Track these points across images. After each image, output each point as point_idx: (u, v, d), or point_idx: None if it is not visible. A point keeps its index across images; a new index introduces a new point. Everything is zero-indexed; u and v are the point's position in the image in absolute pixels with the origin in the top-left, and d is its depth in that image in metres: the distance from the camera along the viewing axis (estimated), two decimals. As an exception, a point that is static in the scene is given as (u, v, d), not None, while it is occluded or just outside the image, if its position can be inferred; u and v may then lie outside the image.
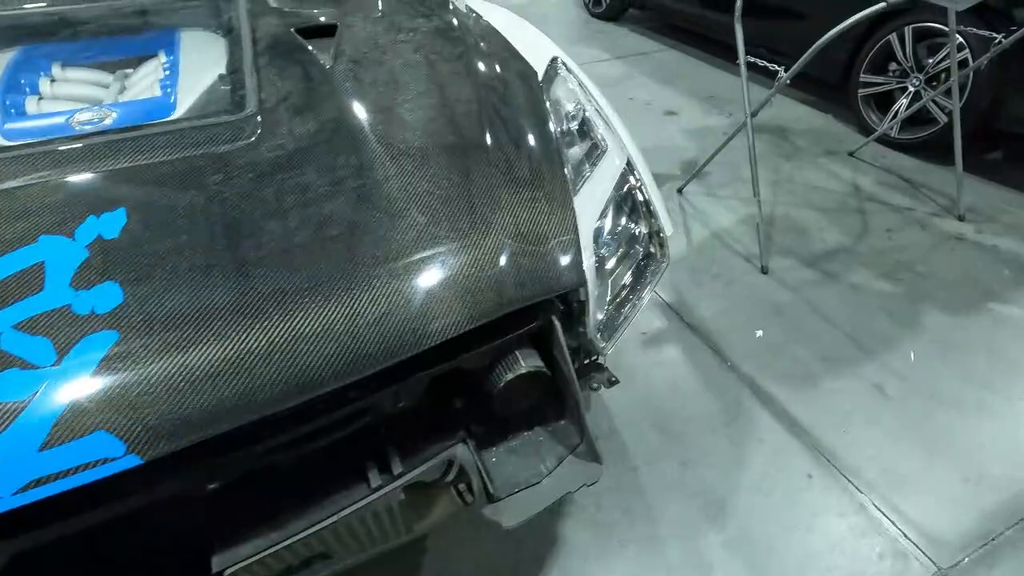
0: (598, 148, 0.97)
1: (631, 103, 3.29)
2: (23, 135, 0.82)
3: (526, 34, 1.24)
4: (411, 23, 1.08)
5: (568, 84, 1.07)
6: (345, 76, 0.90)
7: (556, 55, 1.16)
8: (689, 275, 2.02)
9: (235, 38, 0.96)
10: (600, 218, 0.87)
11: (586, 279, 0.78)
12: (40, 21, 1.03)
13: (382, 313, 0.63)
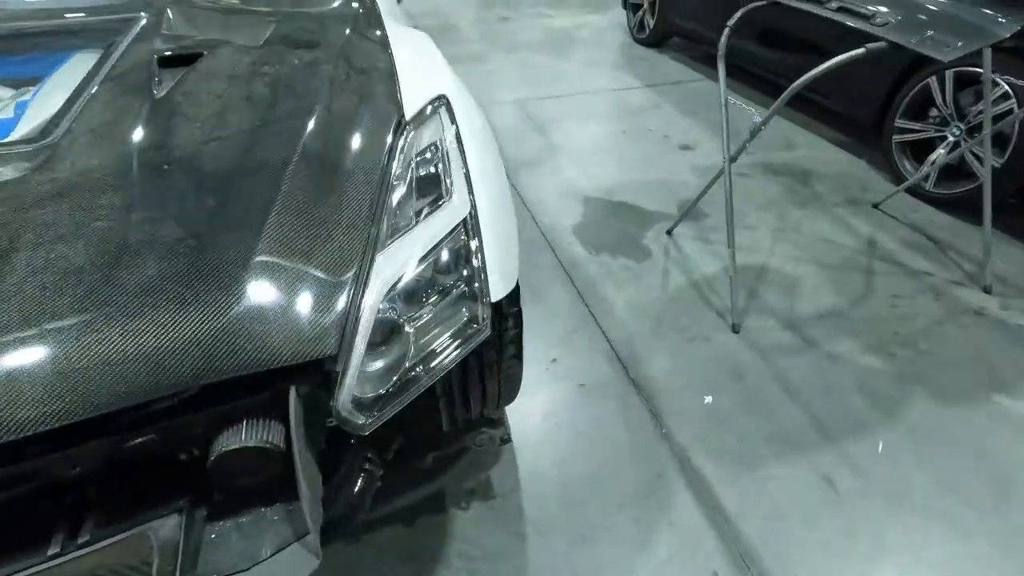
0: (440, 199, 0.89)
1: (648, 133, 3.15)
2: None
3: (427, 67, 1.18)
4: (288, 55, 1.06)
5: (439, 126, 1.01)
6: (166, 110, 0.88)
7: (443, 93, 1.10)
8: (652, 325, 1.87)
9: (101, 62, 0.97)
10: (403, 277, 0.80)
11: (336, 349, 0.70)
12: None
13: (71, 368, 0.58)
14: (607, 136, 3.15)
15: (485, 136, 1.09)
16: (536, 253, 2.22)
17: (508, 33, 4.97)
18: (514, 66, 4.18)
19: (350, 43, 1.16)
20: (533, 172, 2.78)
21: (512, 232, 0.98)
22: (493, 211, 0.95)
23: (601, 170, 2.79)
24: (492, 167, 1.03)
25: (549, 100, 3.60)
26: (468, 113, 1.11)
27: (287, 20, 1.23)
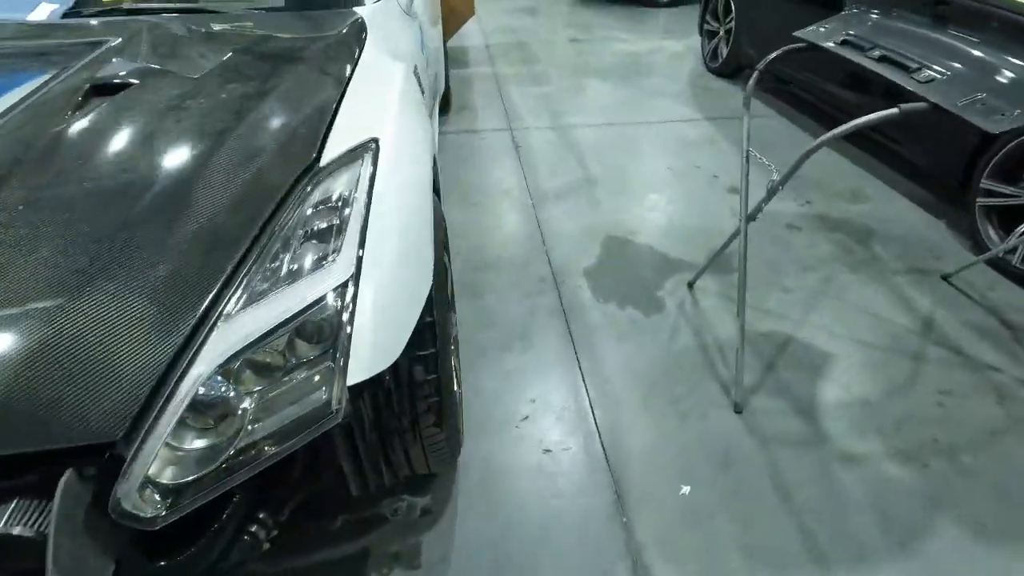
0: (324, 260, 0.80)
1: (695, 172, 2.93)
2: None
3: (375, 104, 1.10)
4: (218, 88, 1.01)
5: (356, 174, 0.92)
6: (63, 142, 0.85)
7: (378, 137, 1.01)
8: (645, 391, 1.69)
9: (40, 87, 0.98)
10: (250, 348, 0.71)
11: (122, 432, 0.62)
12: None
13: None
14: (650, 171, 2.95)
15: (416, 189, 1.00)
16: (539, 293, 2.09)
17: (576, 55, 4.86)
18: (572, 90, 4.07)
19: (298, 76, 1.11)
20: (559, 204, 2.65)
21: (410, 301, 0.88)
22: (389, 277, 0.85)
23: (633, 208, 2.62)
24: (411, 225, 0.94)
25: (598, 127, 3.45)
26: (403, 161, 1.02)
27: (249, 48, 1.20)
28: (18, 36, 1.20)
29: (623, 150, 3.17)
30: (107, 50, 1.11)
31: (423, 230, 0.97)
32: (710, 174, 2.92)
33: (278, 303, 0.75)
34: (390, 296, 0.84)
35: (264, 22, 1.38)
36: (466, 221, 2.52)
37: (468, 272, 2.20)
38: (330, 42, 1.29)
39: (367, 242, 0.84)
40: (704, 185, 2.82)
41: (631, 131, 3.41)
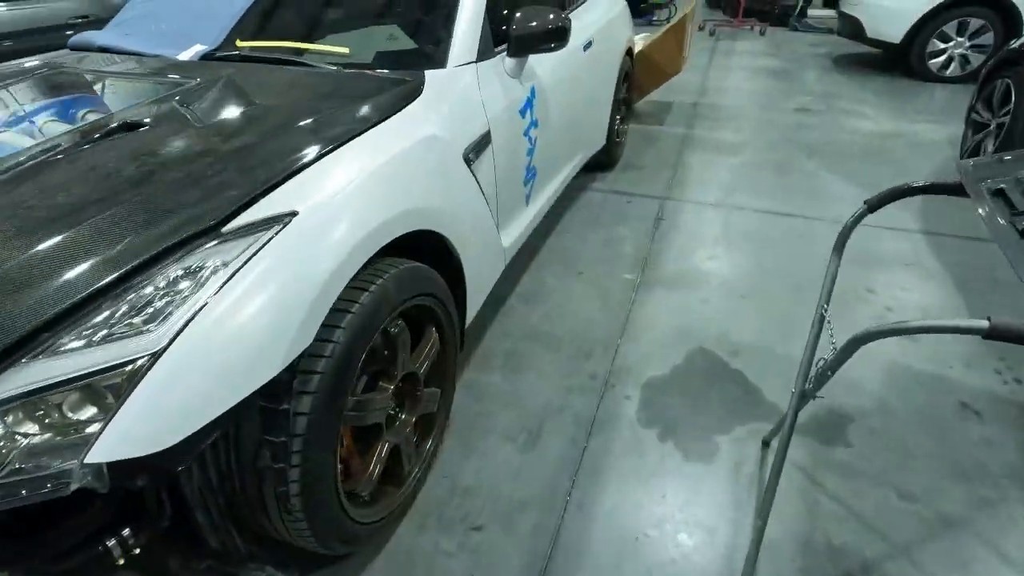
0: (145, 326, 0.81)
1: (865, 297, 2.30)
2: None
3: (342, 176, 1.08)
4: (208, 138, 1.09)
5: (241, 249, 0.92)
6: (37, 169, 1.00)
7: (298, 211, 0.99)
8: (626, 564, 1.37)
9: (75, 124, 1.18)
10: (25, 394, 0.75)
11: None
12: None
13: None
14: (803, 283, 2.41)
15: (307, 277, 0.95)
16: (580, 391, 1.85)
17: (794, 128, 4.27)
18: (763, 166, 3.57)
19: (292, 134, 1.14)
20: (667, 293, 2.33)
21: (219, 392, 0.84)
22: (201, 364, 0.83)
23: (752, 322, 2.16)
24: (270, 317, 0.90)
25: (768, 215, 2.96)
26: (314, 243, 0.98)
27: (280, 104, 1.28)
28: (143, 72, 1.50)
29: (784, 249, 2.66)
30: (174, 92, 1.32)
31: (290, 319, 0.92)
32: (882, 306, 2.26)
33: (74, 360, 0.78)
34: (191, 382, 0.82)
35: (331, 80, 1.47)
36: (554, 287, 2.38)
37: (524, 340, 2.07)
38: (363, 104, 1.33)
39: (198, 323, 0.83)
40: (865, 317, 2.19)
41: (808, 228, 2.84)
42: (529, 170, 2.06)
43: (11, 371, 0.77)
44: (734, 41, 7.63)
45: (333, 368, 1.03)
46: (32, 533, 0.92)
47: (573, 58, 2.40)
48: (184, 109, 1.23)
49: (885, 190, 1.11)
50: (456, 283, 1.58)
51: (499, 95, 1.75)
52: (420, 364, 1.38)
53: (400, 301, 1.21)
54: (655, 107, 4.74)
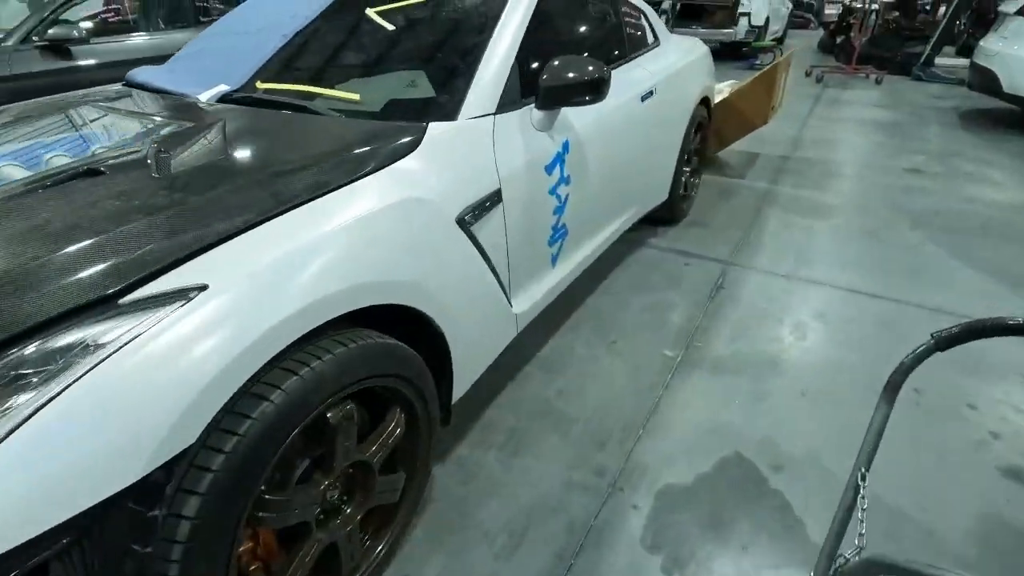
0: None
1: (964, 414, 1.86)
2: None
3: (284, 243, 0.95)
4: (157, 192, 1.00)
5: (128, 324, 0.81)
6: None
7: (207, 284, 0.87)
8: None
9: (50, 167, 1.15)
10: None
11: None
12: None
13: None
14: (878, 385, 2.00)
15: (194, 363, 0.82)
16: (582, 489, 1.60)
17: (901, 191, 3.76)
18: (856, 234, 3.13)
19: (250, 190, 1.04)
20: (710, 380, 2.02)
21: (44, 510, 0.72)
22: (37, 467, 0.71)
23: (807, 429, 1.81)
24: (133, 414, 0.77)
25: (850, 294, 2.55)
26: (209, 321, 0.85)
27: (261, 154, 1.20)
28: (151, 112, 1.49)
29: (867, 339, 2.25)
30: (161, 136, 1.28)
31: (161, 416, 0.79)
32: (987, 430, 1.81)
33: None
34: (25, 477, 0.70)
35: (323, 130, 1.38)
36: (580, 356, 2.14)
37: (533, 416, 1.85)
38: (344, 159, 1.22)
39: (42, 416, 0.72)
40: (961, 448, 1.76)
41: (901, 315, 2.40)
42: (557, 229, 1.87)
43: None
44: (843, 90, 7.03)
45: (234, 465, 0.89)
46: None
47: (626, 109, 2.20)
48: (156, 156, 1.17)
49: (962, 325, 0.81)
50: (443, 354, 1.41)
51: (519, 150, 1.58)
52: (376, 452, 1.21)
53: (344, 384, 1.06)
54: (738, 158, 4.38)
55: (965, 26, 8.90)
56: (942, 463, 1.69)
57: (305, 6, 1.87)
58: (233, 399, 0.89)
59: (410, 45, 1.75)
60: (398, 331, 1.29)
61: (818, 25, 13.68)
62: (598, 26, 2.34)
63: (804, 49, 10.50)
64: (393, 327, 1.27)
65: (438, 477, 1.64)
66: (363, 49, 1.76)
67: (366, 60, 1.73)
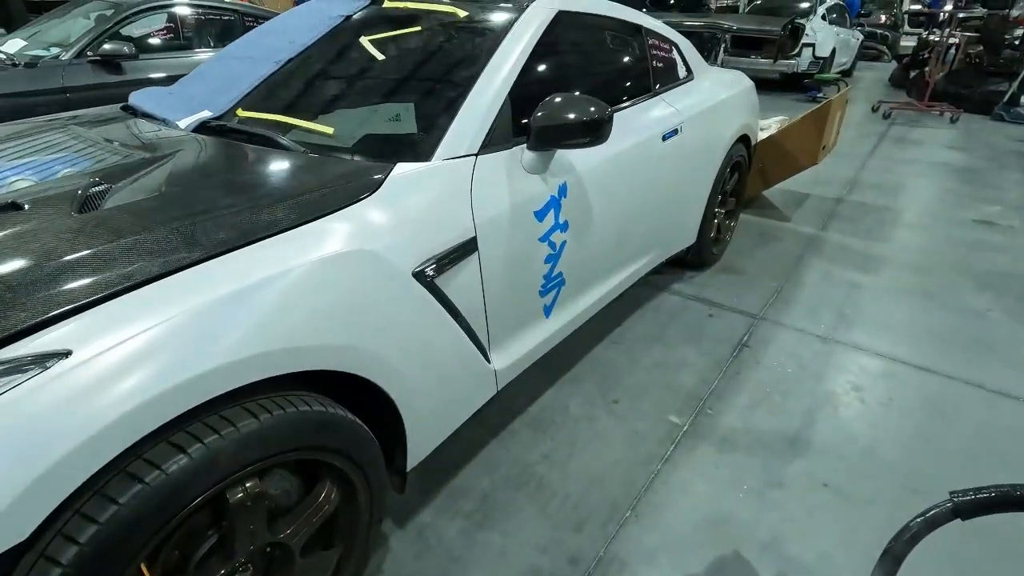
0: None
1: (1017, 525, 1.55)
2: None
3: (173, 301, 0.84)
4: (63, 236, 0.91)
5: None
6: None
7: (72, 350, 0.76)
8: None
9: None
10: None
11: None
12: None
13: None
14: (917, 482, 1.71)
15: (35, 444, 0.71)
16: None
17: (966, 247, 3.37)
18: (910, 295, 2.80)
19: (145, 235, 0.94)
20: (714, 460, 1.78)
21: None
22: None
23: (825, 531, 1.55)
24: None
25: (894, 364, 2.24)
26: (64, 394, 0.74)
27: (211, 191, 1.10)
28: (119, 140, 1.42)
29: (909, 421, 1.95)
30: (107, 168, 1.21)
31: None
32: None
33: None
34: None
35: (274, 167, 1.28)
36: (574, 417, 1.95)
37: (509, 485, 1.68)
38: (284, 200, 1.11)
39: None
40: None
41: (954, 396, 2.09)
42: (551, 279, 1.71)
43: None
44: (912, 128, 6.55)
45: (89, 557, 0.77)
46: None
47: (642, 149, 2.02)
48: (86, 191, 1.10)
49: (983, 492, 0.60)
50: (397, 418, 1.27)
51: (502, 194, 1.44)
52: (295, 532, 1.08)
53: (248, 462, 0.93)
54: (786, 198, 4.08)
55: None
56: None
57: (304, 33, 1.81)
58: (98, 477, 0.78)
59: (397, 77, 1.64)
60: (343, 391, 1.16)
61: (891, 58, 12.97)
62: (616, 60, 2.18)
63: (874, 83, 9.94)
64: (338, 387, 1.15)
65: (393, 546, 1.49)
66: (349, 81, 1.67)
67: (350, 92, 1.64)
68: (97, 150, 1.36)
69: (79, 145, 1.39)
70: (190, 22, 4.40)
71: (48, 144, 1.42)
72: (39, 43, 3.96)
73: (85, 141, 1.43)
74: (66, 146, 1.39)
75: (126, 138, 1.46)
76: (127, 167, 1.23)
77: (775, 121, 3.87)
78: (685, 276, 2.95)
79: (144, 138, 1.46)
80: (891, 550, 0.66)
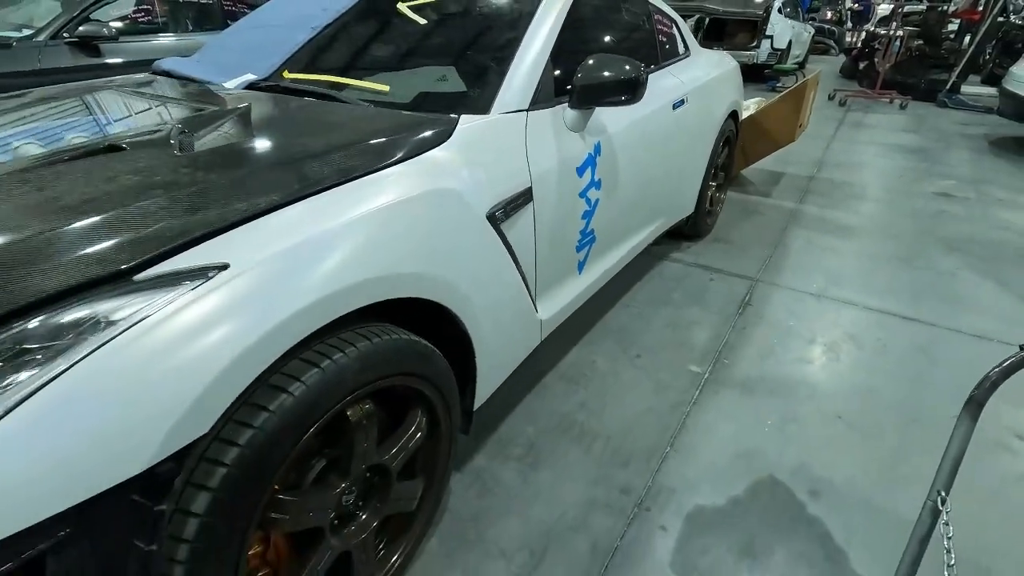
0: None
1: (1013, 446, 1.74)
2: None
3: (311, 226, 0.90)
4: (176, 169, 0.95)
5: (142, 302, 0.75)
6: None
7: (228, 264, 0.81)
8: None
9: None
10: None
11: None
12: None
13: None
14: (915, 412, 1.90)
15: (210, 347, 0.76)
16: (604, 507, 1.51)
17: (928, 216, 3.66)
18: (888, 258, 3.03)
19: (255, 171, 0.99)
20: (741, 399, 1.92)
21: (43, 497, 0.65)
22: (37, 449, 0.65)
23: (845, 455, 1.70)
24: (142, 398, 0.71)
25: (880, 315, 2.45)
26: (228, 303, 0.79)
27: (284, 139, 1.16)
28: (176, 97, 1.46)
29: (902, 362, 2.15)
30: (184, 118, 1.24)
31: (172, 401, 0.73)
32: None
33: None
34: (25, 462, 0.64)
35: (350, 118, 1.33)
36: (602, 371, 2.06)
37: (552, 431, 1.77)
38: (370, 145, 1.16)
39: (44, 395, 0.66)
40: (1006, 483, 1.65)
41: (937, 339, 2.30)
42: (585, 235, 1.80)
43: None
44: (867, 113, 6.96)
45: (248, 460, 0.82)
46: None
47: (657, 116, 2.14)
48: (178, 135, 1.12)
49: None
50: (468, 358, 1.34)
51: (551, 149, 1.53)
52: (395, 456, 1.14)
53: (366, 381, 0.99)
54: (763, 176, 4.31)
55: (992, 55, 8.83)
56: (996, 499, 1.57)
57: (335, 1, 1.84)
58: (250, 388, 0.83)
59: (441, 40, 1.71)
60: (420, 332, 1.23)
61: (839, 52, 13.67)
62: (631, 30, 2.30)
63: (827, 74, 10.46)
64: (415, 327, 1.21)
65: (454, 488, 1.55)
66: (393, 43, 1.72)
67: (396, 54, 1.69)
68: (158, 105, 1.37)
69: (139, 102, 1.40)
70: (166, 5, 4.29)
71: (107, 102, 1.42)
72: (6, 24, 3.79)
73: (143, 98, 1.43)
74: (126, 103, 1.39)
75: (182, 95, 1.47)
76: (204, 117, 1.25)
77: (753, 102, 4.08)
78: (682, 246, 3.10)
79: (203, 95, 1.48)
80: (975, 397, 0.79)
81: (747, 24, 8.28)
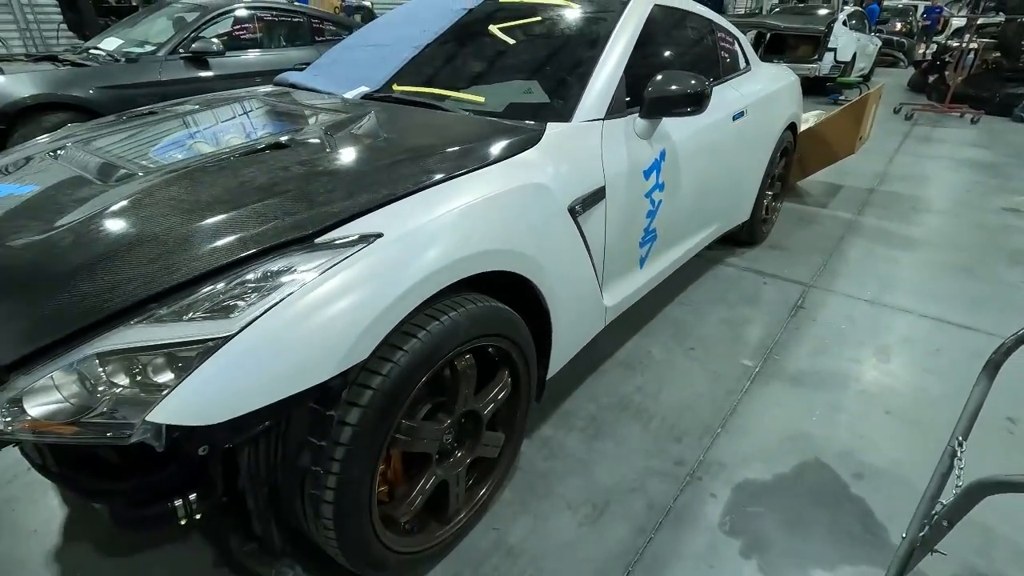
0: (230, 311, 0.91)
1: (1021, 439, 1.80)
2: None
3: (436, 208, 1.13)
4: (333, 161, 1.22)
5: (318, 263, 1.00)
6: (196, 178, 1.21)
7: (382, 233, 1.05)
8: None
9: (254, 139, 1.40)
10: (121, 351, 0.88)
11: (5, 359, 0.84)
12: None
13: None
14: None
15: (373, 295, 1.00)
16: (661, 475, 1.68)
17: (996, 230, 3.63)
18: (948, 269, 3.06)
19: (392, 163, 1.24)
20: (791, 390, 2.05)
21: (278, 381, 0.91)
22: (266, 354, 0.90)
23: (890, 444, 1.81)
24: (330, 326, 0.96)
25: (933, 323, 2.50)
26: (384, 263, 1.03)
27: (406, 141, 1.42)
28: (311, 105, 1.76)
29: (956, 367, 2.21)
30: (325, 122, 1.52)
31: (349, 331, 0.97)
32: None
33: (166, 330, 0.90)
34: (248, 369, 0.89)
35: (457, 123, 1.58)
36: (658, 359, 2.23)
37: (611, 408, 1.95)
38: (477, 145, 1.40)
39: (268, 319, 0.91)
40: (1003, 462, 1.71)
41: (987, 344, 2.31)
42: (648, 232, 1.99)
43: (121, 329, 0.91)
44: (935, 128, 6.79)
45: (387, 387, 1.05)
46: (122, 479, 1.06)
47: (718, 126, 2.31)
48: (326, 136, 1.40)
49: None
50: (544, 331, 1.55)
51: (622, 154, 1.73)
52: (485, 405, 1.36)
53: (471, 337, 1.22)
54: (821, 188, 4.35)
55: (1075, 68, 8.39)
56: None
57: (434, 23, 2.11)
58: (393, 331, 1.07)
59: (528, 57, 1.95)
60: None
61: (907, 64, 13.21)
62: (696, 47, 2.47)
63: (893, 87, 10.18)
64: (506, 298, 1.43)
65: (525, 452, 1.76)
66: (485, 60, 1.97)
67: (488, 69, 1.94)
68: (301, 111, 1.67)
69: (284, 107, 1.70)
70: (263, 24, 4.76)
71: (256, 109, 1.73)
72: (130, 41, 4.33)
73: (285, 104, 1.74)
74: (273, 108, 1.70)
75: (315, 104, 1.77)
76: (341, 122, 1.53)
77: (813, 115, 4.14)
78: (736, 251, 3.22)
79: (332, 104, 1.77)
80: (992, 360, 0.93)
81: (809, 37, 8.22)
